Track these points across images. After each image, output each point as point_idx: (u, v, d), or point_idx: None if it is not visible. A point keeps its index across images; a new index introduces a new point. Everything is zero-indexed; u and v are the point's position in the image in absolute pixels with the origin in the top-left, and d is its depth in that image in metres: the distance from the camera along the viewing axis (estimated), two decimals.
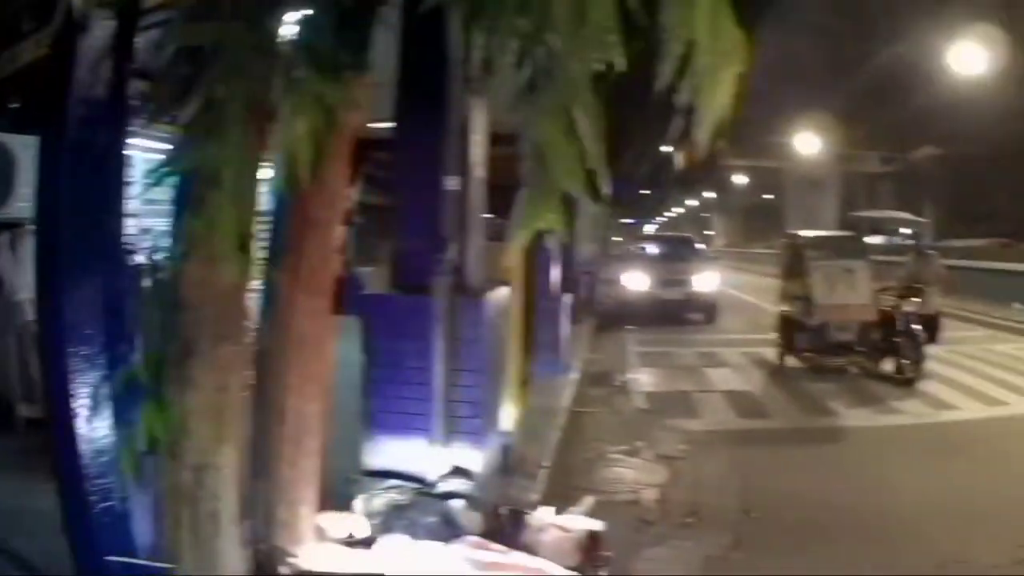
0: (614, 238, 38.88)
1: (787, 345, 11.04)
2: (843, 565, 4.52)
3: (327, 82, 2.30)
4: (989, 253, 21.09)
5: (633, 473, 6.25)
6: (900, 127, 32.05)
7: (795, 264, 11.36)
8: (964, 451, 7.00)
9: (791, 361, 10.97)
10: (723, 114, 2.17)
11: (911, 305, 10.06)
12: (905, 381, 9.47)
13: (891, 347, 9.95)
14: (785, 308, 11.44)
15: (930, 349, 10.12)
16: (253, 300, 2.92)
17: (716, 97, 2.09)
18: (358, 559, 3.26)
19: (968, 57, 17.27)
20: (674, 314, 17.11)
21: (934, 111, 26.89)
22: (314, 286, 2.77)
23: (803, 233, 12.43)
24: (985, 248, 23.20)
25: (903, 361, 9.66)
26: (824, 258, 10.68)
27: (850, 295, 10.28)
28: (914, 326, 9.71)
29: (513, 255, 5.06)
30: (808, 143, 31.48)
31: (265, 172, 2.46)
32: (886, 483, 6.08)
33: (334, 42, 2.36)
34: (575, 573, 3.39)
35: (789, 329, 11.04)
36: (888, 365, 10.03)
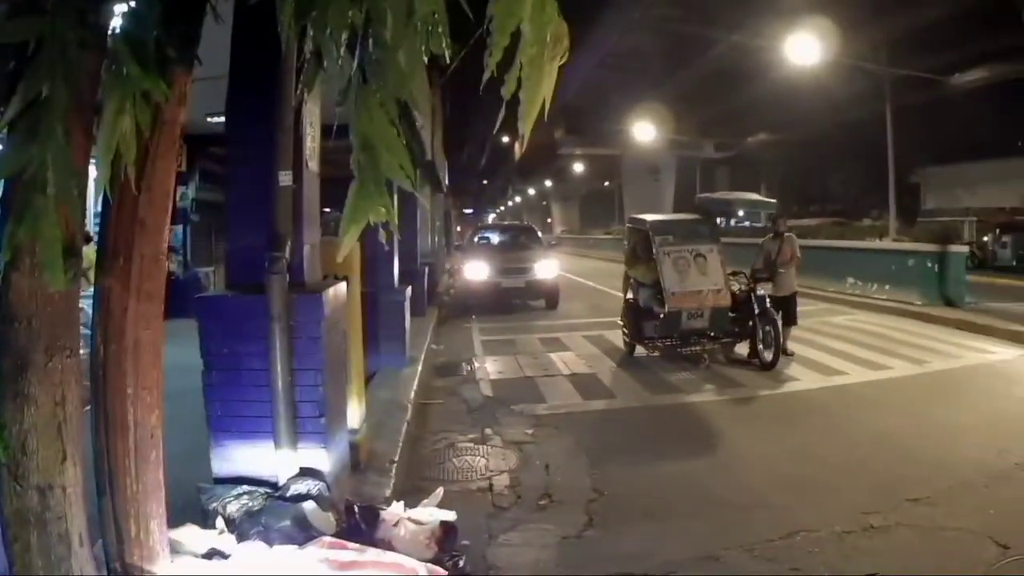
0: (456, 228, 38.99)
1: (635, 335, 10.67)
2: (696, 537, 4.71)
3: (152, 78, 2.21)
4: (823, 231, 22.44)
5: (484, 461, 6.32)
6: (736, 115, 33.77)
7: (641, 250, 10.87)
8: (806, 421, 7.36)
9: (640, 351, 10.78)
10: (546, 105, 2.22)
11: (766, 287, 9.89)
12: (763, 366, 9.54)
13: (746, 331, 9.95)
14: (631, 296, 11.03)
15: (791, 331, 10.48)
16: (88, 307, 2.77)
17: (540, 88, 2.14)
18: (216, 570, 3.16)
19: (803, 47, 18.30)
20: (517, 302, 17.41)
21: (769, 99, 28.48)
22: (146, 291, 2.65)
23: (649, 217, 11.51)
24: (819, 227, 24.66)
25: (760, 346, 9.68)
26: (673, 243, 10.21)
27: (702, 281, 9.96)
28: (769, 308, 9.66)
29: (350, 249, 5.00)
30: (645, 131, 32.57)
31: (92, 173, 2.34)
32: (732, 455, 6.37)
33: (160, 36, 2.27)
34: (432, 565, 3.41)
35: (637, 318, 10.63)
36: (744, 350, 10.19)
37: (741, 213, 37.61)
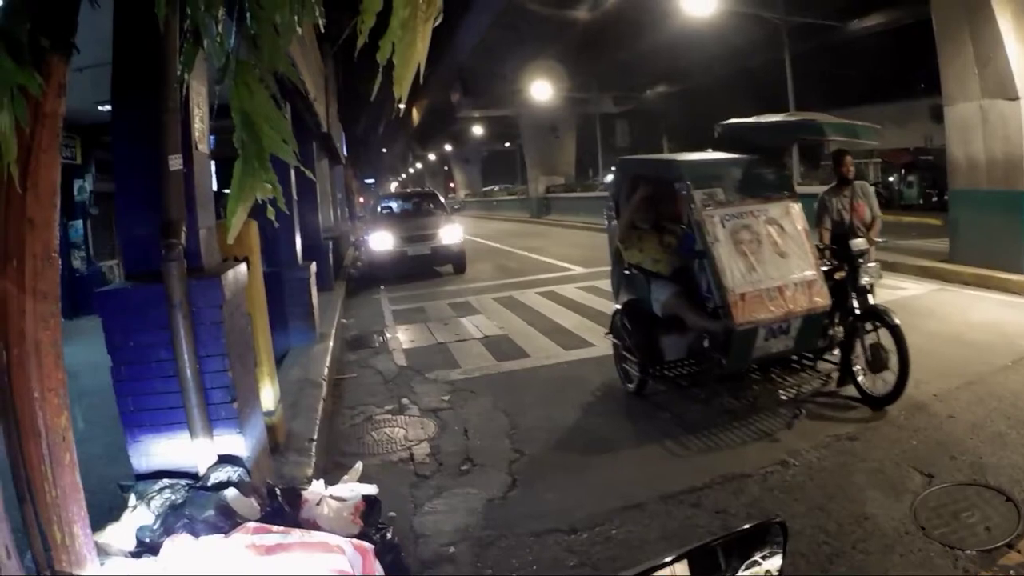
0: (359, 200, 38.48)
1: (647, 362, 6.47)
2: (619, 486, 4.86)
3: (26, 72, 2.13)
4: None
5: (402, 431, 6.36)
6: (633, 67, 33.97)
7: (648, 215, 6.82)
8: None
9: (658, 390, 6.64)
10: (421, 67, 2.23)
11: (867, 271, 6.06)
12: (868, 400, 5.83)
13: (830, 343, 6.26)
14: (631, 296, 6.90)
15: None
16: None
17: (414, 50, 2.15)
18: (145, 569, 3.13)
19: None
20: (424, 269, 17.39)
21: (665, 50, 28.71)
22: (41, 291, 2.56)
23: (677, 158, 7.04)
24: None
25: (859, 367, 5.98)
26: (726, 201, 5.98)
27: (783, 267, 5.86)
28: (879, 307, 5.91)
29: (245, 229, 4.92)
30: (542, 90, 32.57)
31: None
32: (636, 402, 6.58)
33: (34, 26, 2.18)
34: (357, 540, 3.44)
35: (650, 335, 6.51)
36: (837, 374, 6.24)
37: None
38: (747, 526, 1.45)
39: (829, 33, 24.58)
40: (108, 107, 4.01)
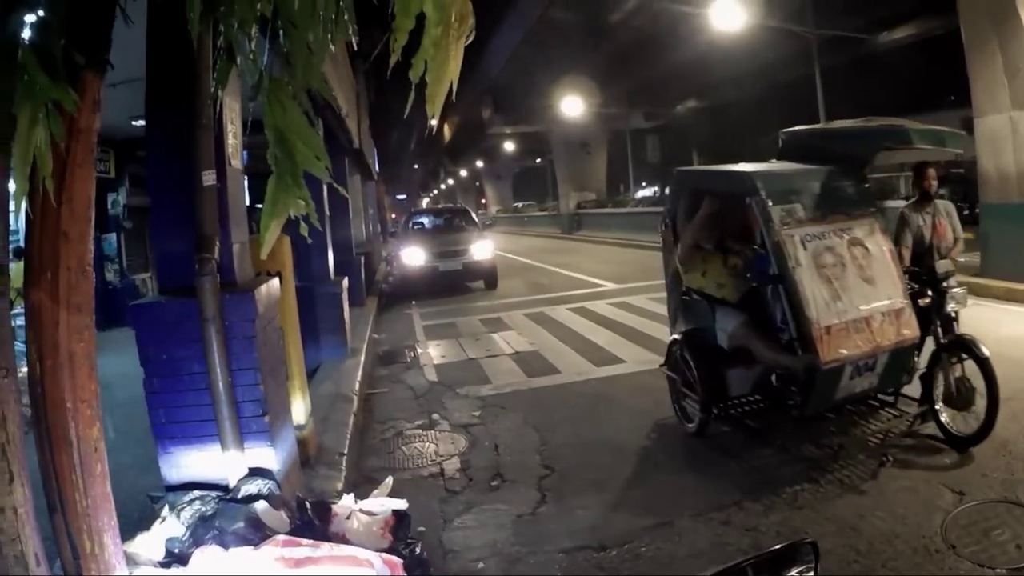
0: (391, 215, 38.72)
1: (710, 398, 5.76)
2: (649, 503, 4.81)
3: (61, 88, 2.16)
4: None
5: (433, 446, 6.34)
6: (663, 83, 33.95)
7: (711, 234, 6.05)
8: None
9: (721, 430, 5.90)
10: (454, 85, 2.23)
11: (955, 298, 5.40)
12: (952, 442, 5.17)
13: (935, 382, 5.37)
14: (687, 327, 6.25)
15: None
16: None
17: (446, 68, 2.15)
18: None
19: (727, 13, 18.48)
20: (456, 285, 17.42)
21: (696, 66, 28.64)
22: (75, 303, 2.60)
23: (747, 168, 5.93)
24: None
25: (941, 404, 5.30)
26: (807, 219, 5.27)
27: (869, 294, 5.16)
28: (966, 337, 5.21)
29: (278, 244, 4.95)
30: (573, 105, 32.60)
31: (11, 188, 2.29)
32: (678, 421, 6.39)
33: (68, 42, 2.22)
34: (386, 555, 3.44)
35: (713, 368, 5.78)
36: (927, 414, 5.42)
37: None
38: (778, 546, 1.42)
39: (859, 46, 24.36)
40: (141, 122, 4.08)
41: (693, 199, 6.17)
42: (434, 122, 2.35)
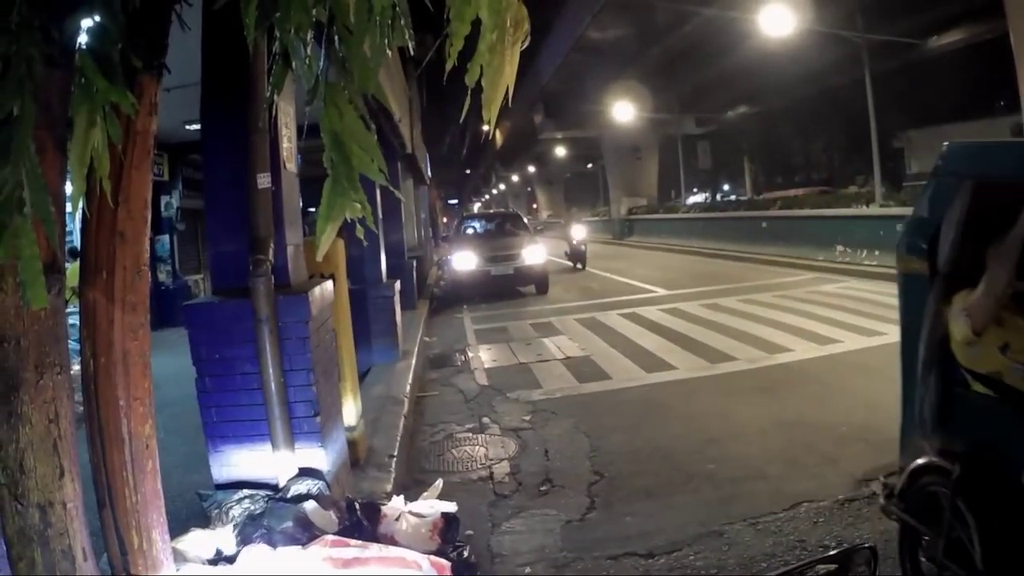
0: (442, 220, 38.94)
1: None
2: (699, 511, 4.73)
3: (119, 91, 2.20)
4: (809, 201, 22.39)
5: (482, 450, 6.34)
6: (714, 88, 33.70)
7: None
8: (801, 391, 7.28)
9: None
10: (510, 90, 2.22)
11: None
12: None
13: None
14: (978, 440, 3.13)
15: None
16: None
17: (502, 74, 2.14)
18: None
19: (777, 18, 18.26)
20: (507, 289, 17.44)
21: (747, 71, 28.38)
22: (130, 302, 2.65)
23: None
24: (805, 196, 24.56)
25: None
26: None
27: None
28: None
29: (332, 247, 4.99)
30: (624, 111, 32.42)
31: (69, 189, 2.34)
32: (729, 428, 6.34)
33: (126, 48, 2.26)
34: (435, 557, 3.44)
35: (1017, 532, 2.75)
36: None
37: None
38: (835, 551, 1.38)
39: (908, 51, 23.84)
40: (195, 126, 4.15)
41: (998, 206, 3.04)
42: (487, 127, 2.35)
